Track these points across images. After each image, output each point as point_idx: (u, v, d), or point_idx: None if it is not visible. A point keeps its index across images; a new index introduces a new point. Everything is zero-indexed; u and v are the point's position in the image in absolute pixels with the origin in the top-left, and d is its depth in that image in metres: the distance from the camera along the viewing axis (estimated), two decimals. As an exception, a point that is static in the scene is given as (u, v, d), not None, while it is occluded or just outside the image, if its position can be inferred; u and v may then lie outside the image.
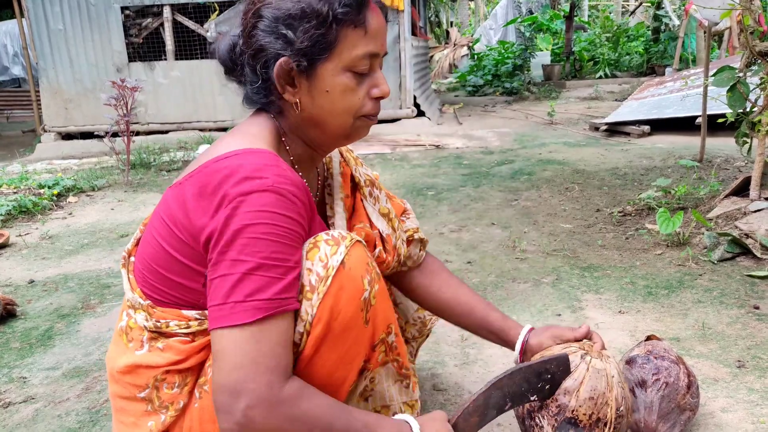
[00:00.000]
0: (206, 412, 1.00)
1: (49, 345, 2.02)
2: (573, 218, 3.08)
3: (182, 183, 0.99)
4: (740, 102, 2.57)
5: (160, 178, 4.78)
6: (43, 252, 3.10)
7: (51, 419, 1.57)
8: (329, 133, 1.06)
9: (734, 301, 2.01)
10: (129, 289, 1.07)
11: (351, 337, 0.97)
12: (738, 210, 2.60)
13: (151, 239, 1.03)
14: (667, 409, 1.26)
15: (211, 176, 0.94)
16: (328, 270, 0.94)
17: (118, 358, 1.05)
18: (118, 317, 1.11)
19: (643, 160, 4.32)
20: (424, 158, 5.04)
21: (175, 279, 1.00)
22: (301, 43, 0.98)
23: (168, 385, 1.01)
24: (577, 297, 2.13)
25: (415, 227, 1.39)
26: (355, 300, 0.96)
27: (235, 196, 0.90)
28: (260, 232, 0.89)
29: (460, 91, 11.34)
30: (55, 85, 7.08)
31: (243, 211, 0.89)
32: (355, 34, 1.00)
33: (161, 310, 1.02)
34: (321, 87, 1.01)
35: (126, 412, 1.05)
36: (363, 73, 1.03)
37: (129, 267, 1.11)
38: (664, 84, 6.72)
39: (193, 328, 1.01)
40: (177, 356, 1.00)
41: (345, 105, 1.03)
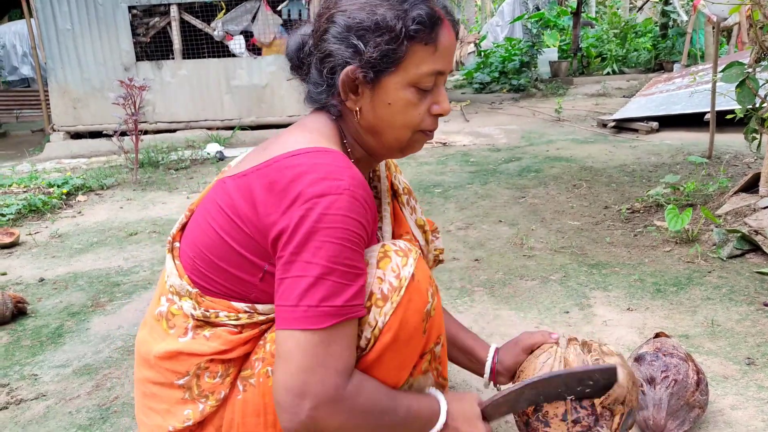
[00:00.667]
0: (250, 405, 0.99)
1: (60, 343, 2.04)
2: (581, 215, 3.07)
3: (247, 175, 0.98)
4: (749, 98, 2.56)
5: (168, 177, 4.80)
6: (52, 250, 3.12)
7: (62, 416, 1.58)
8: (385, 144, 1.07)
9: (744, 298, 2.00)
10: (176, 275, 1.05)
11: (411, 346, 1.00)
12: (747, 206, 2.59)
13: (206, 227, 1.02)
14: (676, 407, 1.26)
15: (282, 172, 0.94)
16: (401, 281, 0.97)
17: (155, 344, 1.03)
18: (154, 302, 1.09)
19: (652, 156, 4.30)
20: (431, 156, 5.04)
21: (230, 270, 0.99)
22: (370, 56, 0.98)
23: (210, 374, 1.00)
24: (585, 294, 2.12)
25: (442, 248, 1.42)
26: (420, 312, 0.98)
27: (311, 196, 0.90)
28: (335, 236, 0.90)
29: (466, 88, 11.31)
30: (64, 85, 7.12)
31: (318, 212, 0.89)
32: (424, 51, 1.00)
33: (210, 300, 1.01)
34: (384, 99, 1.02)
35: (158, 399, 1.03)
36: (426, 89, 1.03)
37: (174, 252, 1.09)
38: (672, 80, 6.68)
39: (242, 320, 1.00)
40: (223, 346, 1.00)
41: (405, 119, 1.03)
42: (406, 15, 0.97)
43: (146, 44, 7.26)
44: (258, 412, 0.99)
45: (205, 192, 1.11)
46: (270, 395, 0.97)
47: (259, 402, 0.99)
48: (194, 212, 1.11)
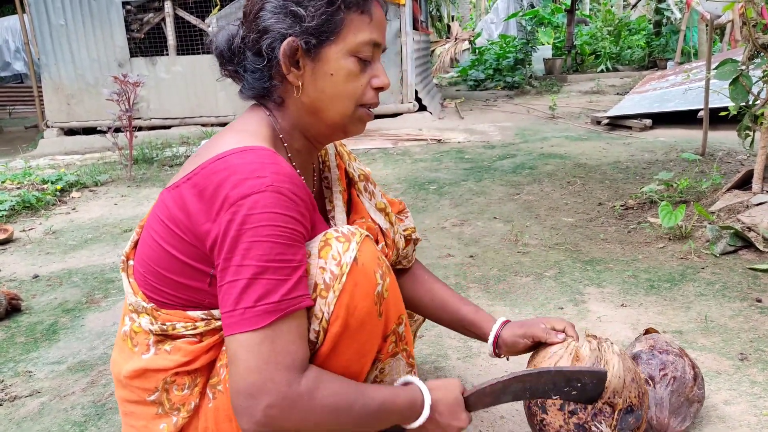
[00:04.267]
0: (221, 411, 1.00)
1: (54, 339, 2.03)
2: (575, 212, 3.08)
3: (179, 186, 0.98)
4: (743, 95, 2.57)
5: (162, 173, 4.79)
6: (47, 247, 3.11)
7: (57, 413, 1.58)
8: (328, 122, 1.06)
9: (737, 294, 2.01)
10: (131, 293, 1.05)
11: (366, 331, 0.98)
12: (740, 203, 2.60)
13: (151, 241, 1.02)
14: (678, 404, 1.27)
15: (209, 178, 0.93)
16: (342, 267, 0.95)
17: (124, 364, 1.04)
18: (120, 322, 1.10)
19: (645, 153, 4.32)
20: (426, 153, 5.04)
21: (178, 280, 0.99)
22: (310, 21, 0.99)
23: (178, 387, 1.01)
24: (579, 290, 2.13)
25: (413, 227, 1.40)
26: (369, 295, 0.97)
27: (235, 199, 0.89)
28: (262, 234, 0.89)
29: (461, 85, 11.32)
30: (57, 81, 7.08)
31: (243, 214, 0.89)
32: (361, 19, 1.02)
33: (166, 313, 1.01)
34: (325, 70, 1.02)
35: (136, 416, 1.05)
36: (366, 60, 1.04)
37: (129, 271, 1.10)
38: (665, 77, 6.71)
39: (200, 329, 1.00)
40: (185, 357, 1.00)
41: (347, 90, 1.04)
42: None
43: (140, 40, 7.22)
44: (230, 418, 0.99)
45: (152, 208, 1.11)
46: None
47: (228, 407, 0.99)
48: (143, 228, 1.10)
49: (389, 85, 1.09)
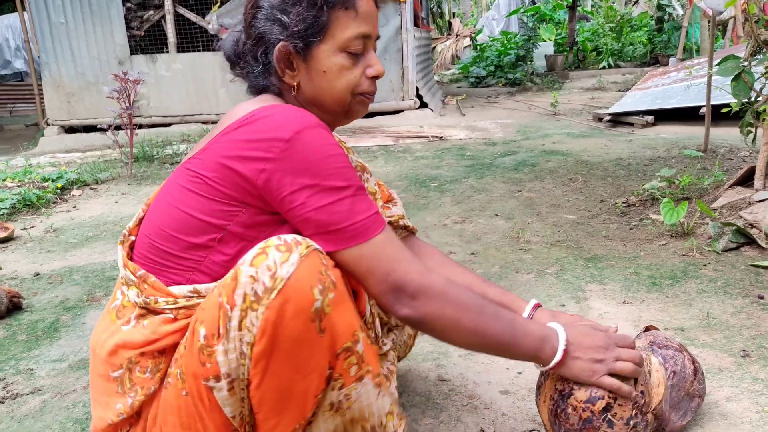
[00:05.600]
0: (167, 403, 0.99)
1: (55, 337, 2.03)
2: (577, 209, 3.07)
3: (207, 148, 1.02)
4: (745, 91, 2.56)
5: (163, 171, 4.78)
6: (47, 245, 3.11)
7: (58, 410, 1.58)
8: (329, 111, 1.12)
9: (739, 291, 2.01)
10: (122, 265, 1.08)
11: (304, 348, 0.92)
12: (743, 200, 2.59)
13: (166, 207, 1.06)
14: (678, 398, 1.26)
15: (255, 125, 0.99)
16: (276, 281, 0.89)
17: (104, 336, 1.06)
18: (111, 297, 1.12)
19: (647, 150, 4.31)
20: (427, 150, 5.03)
21: (188, 239, 1.02)
22: (295, 26, 1.04)
23: (141, 369, 1.01)
24: (581, 287, 2.13)
25: (400, 214, 1.41)
26: (303, 311, 0.90)
27: (291, 134, 0.96)
28: (337, 161, 0.98)
29: (462, 82, 11.31)
30: (58, 79, 7.08)
31: (309, 145, 0.96)
32: (346, 16, 1.06)
33: (150, 286, 1.03)
34: (318, 68, 1.08)
35: (100, 390, 1.06)
36: (357, 53, 1.08)
37: (125, 244, 1.13)
38: (667, 74, 6.69)
39: (180, 304, 1.01)
40: (153, 335, 1.01)
41: (342, 84, 1.09)
42: None
43: (140, 38, 7.22)
44: (173, 411, 0.98)
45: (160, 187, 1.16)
46: (180, 397, 0.97)
47: (173, 402, 0.99)
48: (150, 205, 1.15)
49: (383, 73, 1.13)
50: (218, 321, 0.91)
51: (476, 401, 1.49)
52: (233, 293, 0.90)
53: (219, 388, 0.93)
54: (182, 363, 0.98)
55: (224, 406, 0.95)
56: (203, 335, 0.92)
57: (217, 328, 0.91)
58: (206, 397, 0.95)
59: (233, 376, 0.92)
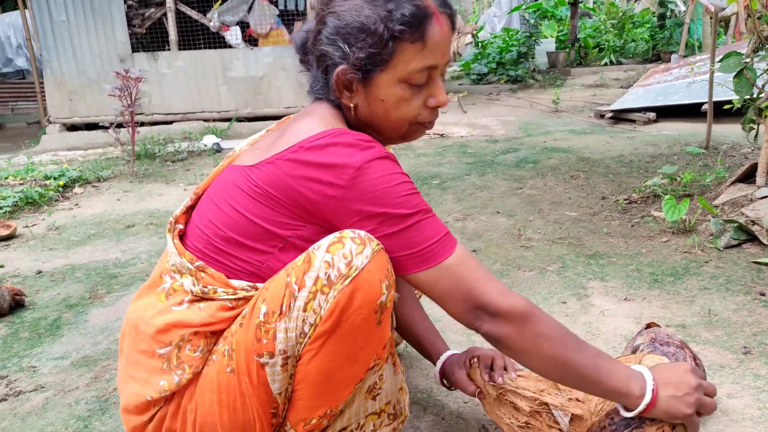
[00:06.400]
0: (207, 380, 1.01)
1: (58, 335, 2.04)
2: (578, 206, 3.07)
3: (274, 162, 1.01)
4: (747, 88, 2.55)
5: (165, 169, 4.79)
6: (50, 243, 3.11)
7: (61, 408, 1.59)
8: (384, 135, 1.11)
9: (740, 287, 2.00)
10: (176, 253, 1.08)
11: (361, 337, 0.96)
12: (744, 197, 2.59)
13: (225, 207, 1.05)
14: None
15: (325, 150, 0.98)
16: (351, 269, 0.93)
17: (152, 315, 1.05)
18: (154, 279, 1.12)
19: (649, 147, 4.30)
20: (429, 147, 5.03)
21: (248, 243, 1.03)
22: (356, 57, 1.02)
23: (192, 347, 1.02)
24: (583, 284, 2.13)
25: None
26: (370, 303, 0.94)
27: (361, 163, 0.96)
28: (404, 189, 0.99)
29: (464, 79, 11.29)
30: (59, 77, 7.08)
31: (378, 175, 0.97)
32: (412, 48, 1.02)
33: (209, 276, 1.04)
34: (376, 95, 1.05)
35: (139, 366, 1.05)
36: (419, 84, 1.05)
37: (175, 232, 1.12)
38: (669, 71, 6.67)
39: (240, 296, 1.03)
40: (211, 318, 1.02)
41: (399, 114, 1.07)
42: (390, 16, 0.99)
43: (142, 35, 7.21)
44: (212, 389, 1.00)
45: (212, 177, 1.16)
46: (223, 374, 0.99)
47: (214, 379, 1.01)
48: (202, 195, 1.15)
49: (446, 103, 1.10)
50: (282, 299, 0.94)
51: (477, 399, 1.49)
52: (304, 275, 0.93)
53: (272, 364, 0.96)
54: (233, 340, 0.99)
55: (273, 382, 0.98)
56: (263, 312, 0.95)
57: (280, 306, 0.94)
58: (255, 373, 0.97)
59: (288, 354, 0.96)
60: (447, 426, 1.40)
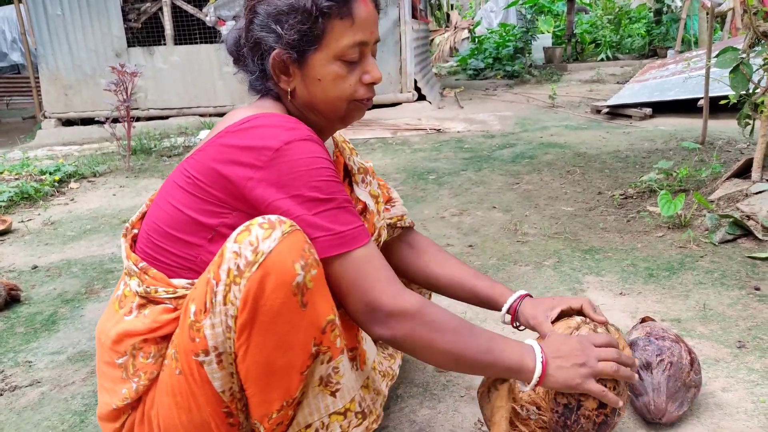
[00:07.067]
0: (162, 384, 1.03)
1: (54, 330, 2.04)
2: (574, 201, 3.08)
3: (203, 149, 1.04)
4: (743, 83, 2.56)
5: (161, 164, 4.78)
6: (45, 238, 3.11)
7: (57, 402, 1.59)
8: (325, 117, 1.13)
9: (735, 282, 2.01)
10: (125, 256, 1.12)
11: (286, 322, 0.93)
12: (740, 192, 2.60)
13: (164, 205, 1.08)
14: (675, 389, 1.27)
15: (248, 133, 1.00)
16: (257, 255, 0.91)
17: (110, 326, 1.09)
18: (116, 288, 1.15)
19: (645, 142, 4.31)
20: (425, 142, 5.03)
21: (181, 237, 1.05)
22: (289, 38, 1.04)
23: (144, 355, 1.04)
24: (578, 279, 2.14)
25: (400, 214, 1.43)
26: (284, 286, 0.92)
27: (279, 145, 0.97)
28: (322, 174, 0.99)
29: (460, 74, 11.28)
30: (55, 71, 7.05)
31: (296, 156, 0.98)
32: (341, 24, 1.05)
33: (152, 276, 1.06)
34: (313, 76, 1.08)
35: (106, 377, 1.09)
36: (353, 61, 1.08)
37: (128, 237, 1.16)
38: (666, 66, 6.68)
39: (179, 294, 1.04)
40: (155, 324, 1.04)
41: (337, 92, 1.09)
42: None
43: (138, 30, 7.19)
44: (168, 393, 1.02)
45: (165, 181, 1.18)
46: (174, 376, 1.01)
47: (167, 382, 1.02)
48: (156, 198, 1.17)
49: (380, 79, 1.12)
50: (205, 296, 0.95)
51: (474, 392, 1.50)
52: (219, 269, 0.94)
53: (208, 362, 0.97)
54: (177, 342, 1.01)
55: (213, 380, 0.98)
56: (193, 311, 0.97)
57: (204, 303, 0.95)
58: (197, 372, 0.98)
59: (220, 350, 0.96)
60: (443, 419, 1.40)
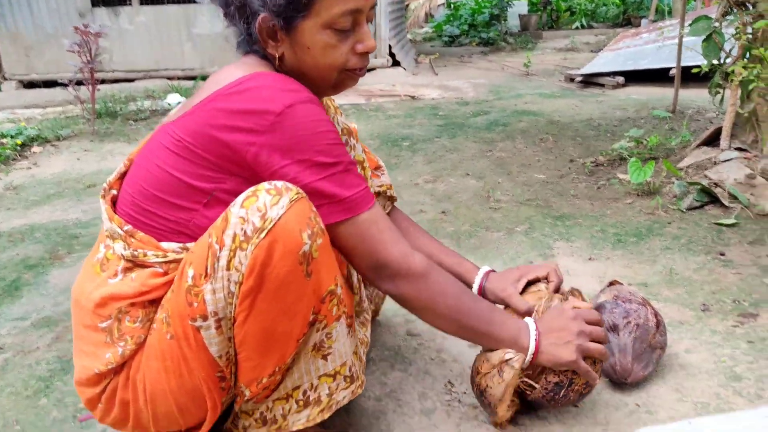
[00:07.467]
0: (151, 348, 1.00)
1: (17, 296, 1.98)
2: (546, 169, 3.09)
3: (194, 112, 0.99)
4: (715, 52, 2.57)
5: (127, 128, 4.65)
6: (7, 203, 3.01)
7: (21, 368, 1.55)
8: (315, 84, 1.06)
9: (701, 248, 2.05)
10: (107, 219, 1.06)
11: (291, 291, 0.93)
12: (708, 160, 2.64)
13: (150, 166, 1.02)
14: (640, 350, 1.30)
15: (244, 95, 0.96)
16: (266, 222, 0.90)
17: (90, 289, 1.03)
18: (93, 250, 1.10)
19: (617, 111, 4.33)
20: (399, 109, 4.98)
21: (174, 201, 1.00)
22: (274, 3, 0.98)
23: (131, 319, 1.01)
24: (549, 245, 2.15)
25: (388, 183, 1.42)
26: (291, 253, 0.91)
27: (281, 109, 0.94)
28: (328, 138, 0.97)
29: (436, 41, 11.16)
30: (14, 31, 6.76)
31: (300, 120, 0.94)
32: None
33: (139, 239, 1.01)
34: (302, 43, 1.02)
35: (86, 341, 1.05)
36: (345, 29, 1.02)
37: (107, 198, 1.10)
38: (639, 35, 6.70)
39: (170, 258, 1.00)
40: (143, 288, 1.00)
41: (327, 61, 1.03)
42: None
43: (101, -12, 6.90)
44: (156, 357, 1.00)
45: (145, 142, 1.12)
46: (164, 341, 0.98)
47: (156, 347, 1.00)
48: (133, 161, 1.12)
49: (374, 48, 1.07)
50: (206, 261, 0.92)
51: (444, 354, 1.51)
52: (223, 234, 0.91)
53: (206, 327, 0.95)
54: (168, 306, 0.98)
55: (211, 345, 0.96)
56: (191, 276, 0.94)
57: (205, 268, 0.92)
58: (193, 337, 0.96)
59: (220, 315, 0.94)
60: (414, 381, 1.41)
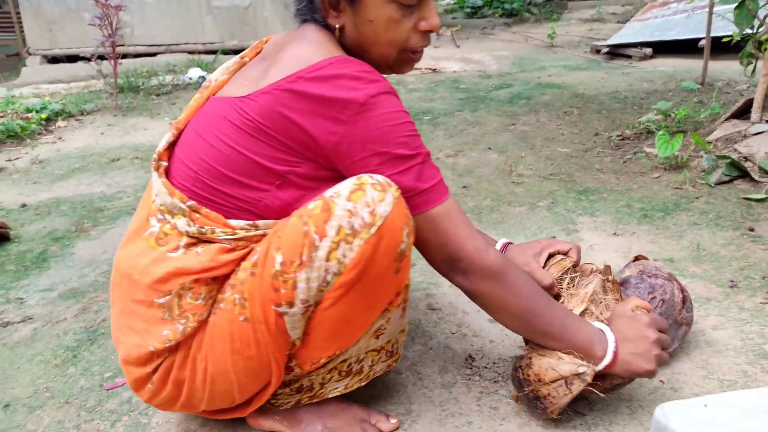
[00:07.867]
0: (217, 329, 0.99)
1: (44, 267, 2.02)
2: (571, 142, 3.03)
3: (270, 92, 0.95)
4: (748, 20, 2.48)
5: (149, 102, 4.67)
6: (33, 176, 3.05)
7: (49, 338, 1.59)
8: (373, 61, 1.04)
9: (730, 223, 2.01)
10: (166, 193, 1.01)
11: (382, 286, 0.97)
12: (738, 133, 2.56)
13: (216, 142, 0.99)
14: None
15: (326, 82, 0.93)
16: (375, 218, 0.91)
17: (147, 263, 1.00)
18: (139, 222, 1.06)
19: (644, 83, 4.23)
20: (421, 82, 4.92)
21: (244, 180, 0.99)
22: None
23: (193, 295, 0.98)
24: (573, 220, 2.12)
25: None
26: (392, 252, 0.94)
27: (364, 99, 0.93)
28: (407, 129, 0.97)
29: (458, 12, 10.95)
30: (37, 6, 6.79)
31: (382, 111, 0.94)
32: None
33: (205, 216, 0.99)
34: (365, 16, 1.00)
35: (137, 317, 1.01)
36: (410, 4, 0.99)
37: (160, 171, 1.06)
38: (668, 5, 6.49)
39: (239, 235, 0.99)
40: (211, 263, 0.98)
41: (388, 37, 1.01)
42: None
43: (122, -39, 6.88)
44: (223, 338, 0.98)
45: (193, 109, 1.09)
46: (236, 323, 0.97)
47: (225, 328, 0.98)
48: (184, 130, 1.08)
49: (439, 27, 1.04)
50: (301, 249, 0.91)
51: (465, 329, 1.51)
52: (325, 224, 0.90)
53: (292, 314, 0.94)
54: (245, 289, 0.96)
55: (293, 329, 0.97)
56: (279, 262, 0.92)
57: (299, 255, 0.91)
58: (274, 322, 0.95)
59: (310, 302, 0.94)
60: (434, 355, 1.41)
